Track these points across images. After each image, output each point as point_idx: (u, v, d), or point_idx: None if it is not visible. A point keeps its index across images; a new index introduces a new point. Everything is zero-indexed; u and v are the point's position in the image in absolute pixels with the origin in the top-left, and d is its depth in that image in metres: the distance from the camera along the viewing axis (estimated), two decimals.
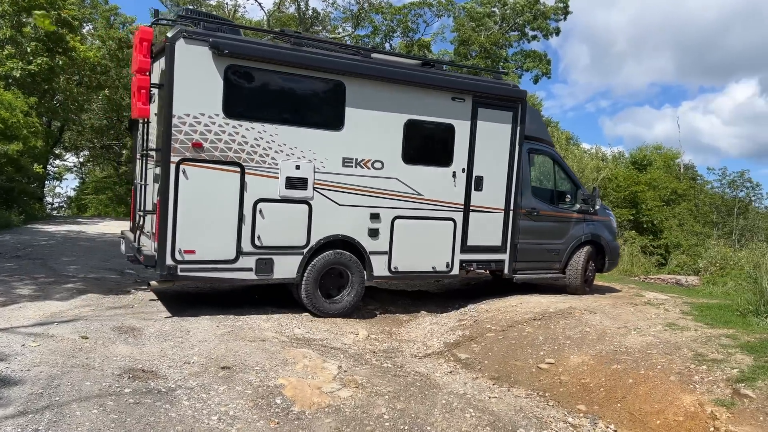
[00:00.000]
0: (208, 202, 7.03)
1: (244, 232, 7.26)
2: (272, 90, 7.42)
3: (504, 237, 9.25)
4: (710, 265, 15.36)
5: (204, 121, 6.92)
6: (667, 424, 4.96)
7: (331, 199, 7.78)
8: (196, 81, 6.85)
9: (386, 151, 8.14)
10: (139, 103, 6.85)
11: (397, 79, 8.07)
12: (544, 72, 31.83)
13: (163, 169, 6.79)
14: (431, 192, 8.53)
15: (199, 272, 7.14)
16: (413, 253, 8.50)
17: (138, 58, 6.83)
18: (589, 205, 10.16)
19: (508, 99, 9.06)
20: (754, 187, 30.82)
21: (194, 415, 4.45)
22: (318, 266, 7.77)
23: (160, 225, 6.83)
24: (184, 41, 6.74)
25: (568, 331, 6.98)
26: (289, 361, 5.72)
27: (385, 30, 31.39)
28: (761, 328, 6.95)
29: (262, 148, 7.29)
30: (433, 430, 4.65)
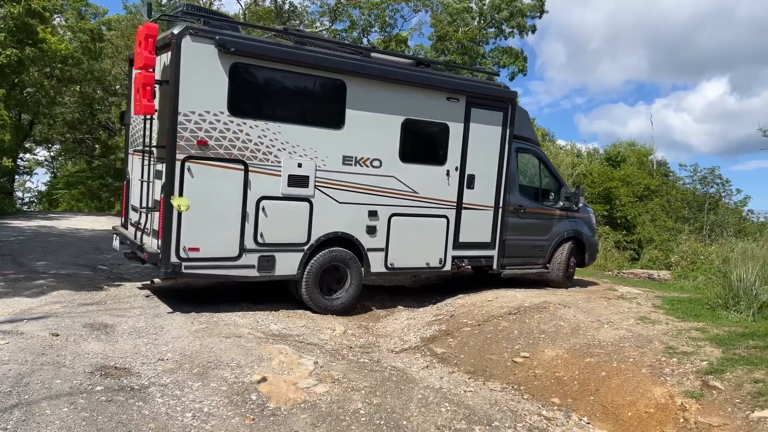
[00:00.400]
0: (213, 200, 7.04)
1: (247, 230, 7.29)
2: (276, 88, 7.46)
3: (493, 233, 9.51)
4: (681, 260, 15.64)
5: (209, 119, 6.91)
6: (639, 416, 5.05)
7: (332, 197, 7.88)
8: (201, 78, 6.82)
9: (384, 149, 8.26)
10: (144, 99, 6.77)
11: (396, 79, 8.20)
12: (520, 69, 32.02)
13: (168, 167, 6.76)
14: (426, 190, 8.70)
15: (203, 270, 7.14)
16: (408, 249, 8.67)
17: (144, 55, 6.74)
18: (572, 203, 10.46)
19: (500, 99, 9.29)
20: (724, 183, 31.41)
21: (168, 412, 4.40)
22: (318, 263, 7.86)
23: (165, 222, 6.81)
24: (190, 38, 6.70)
25: (542, 325, 7.05)
26: (264, 357, 5.69)
27: (362, 25, 31.30)
28: (730, 321, 7.11)
29: (266, 146, 7.31)
30: (408, 424, 4.67)
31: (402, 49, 29.14)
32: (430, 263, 8.93)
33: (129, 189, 8.48)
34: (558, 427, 5.03)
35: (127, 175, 8.59)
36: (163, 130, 6.93)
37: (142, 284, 8.73)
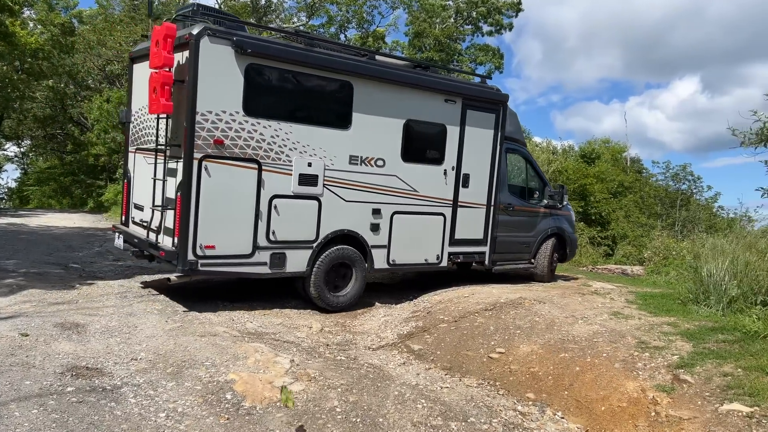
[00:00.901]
0: (228, 198, 7.16)
1: (260, 228, 7.42)
2: (288, 89, 7.60)
3: (485, 230, 9.89)
4: (654, 256, 15.90)
5: (225, 119, 7.02)
6: (612, 410, 5.12)
7: (339, 196, 8.08)
8: (218, 79, 6.93)
9: (388, 149, 8.51)
10: (162, 99, 6.81)
11: (399, 81, 8.48)
12: (496, 66, 32.20)
13: (185, 165, 6.84)
14: (425, 189, 9.00)
15: (218, 267, 7.23)
16: (409, 246, 8.95)
17: (162, 54, 6.79)
18: (555, 201, 10.94)
19: (493, 102, 9.66)
20: (695, 180, 31.98)
21: (141, 412, 4.34)
22: (326, 260, 8.04)
23: (182, 220, 6.89)
24: (208, 39, 6.80)
25: (518, 321, 7.11)
26: (240, 355, 5.64)
27: (340, 21, 31.16)
28: (700, 315, 7.24)
29: (278, 145, 7.46)
30: (385, 421, 4.67)
31: (379, 46, 29.10)
32: (429, 259, 9.25)
33: (131, 187, 8.54)
34: (533, 422, 5.08)
35: (128, 174, 8.62)
36: (179, 129, 7.00)
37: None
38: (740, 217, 13.89)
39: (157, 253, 7.25)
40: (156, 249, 7.26)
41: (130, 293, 7.96)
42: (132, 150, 8.56)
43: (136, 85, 8.53)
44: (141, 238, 7.76)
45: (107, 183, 22.74)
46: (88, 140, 22.87)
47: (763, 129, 7.01)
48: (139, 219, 8.13)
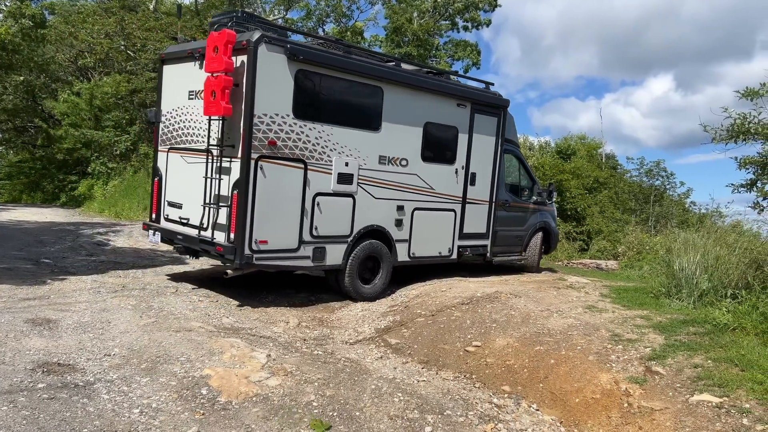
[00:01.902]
0: (279, 196, 7.60)
1: (305, 223, 7.88)
2: (330, 93, 8.12)
3: (488, 225, 10.70)
4: (628, 250, 16.14)
5: (278, 121, 7.45)
6: (586, 402, 5.19)
7: (370, 193, 8.66)
8: (272, 83, 7.37)
9: (410, 150, 9.16)
10: (223, 102, 7.15)
11: (421, 87, 9.18)
12: (474, 62, 32.33)
13: (243, 165, 7.23)
14: (440, 186, 9.72)
15: (270, 260, 7.65)
16: (426, 240, 9.62)
17: (223, 60, 7.12)
18: (543, 198, 11.90)
19: (496, 106, 10.52)
20: (668, 176, 32.52)
21: (114, 408, 4.28)
22: (359, 254, 8.57)
23: (238, 217, 7.27)
24: (265, 46, 7.22)
25: (494, 315, 7.16)
26: (215, 350, 5.59)
27: (318, 14, 30.98)
28: (672, 309, 7.37)
29: (321, 146, 7.96)
30: (362, 415, 4.67)
31: (358, 41, 28.99)
32: (442, 252, 9.95)
33: (161, 186, 8.82)
34: (508, 415, 5.13)
35: (158, 172, 8.90)
36: (234, 130, 7.37)
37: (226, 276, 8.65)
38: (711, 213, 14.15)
39: (212, 249, 7.57)
40: (211, 245, 7.57)
41: (104, 288, 7.84)
42: (163, 149, 8.81)
43: (166, 87, 8.87)
44: (188, 235, 8.00)
45: (80, 178, 22.33)
46: (57, 135, 22.40)
47: (733, 125, 7.15)
48: (177, 216, 8.41)
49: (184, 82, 8.38)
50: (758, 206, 7.44)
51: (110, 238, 12.92)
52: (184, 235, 8.08)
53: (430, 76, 9.70)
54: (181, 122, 8.45)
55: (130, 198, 18.21)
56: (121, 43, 19.27)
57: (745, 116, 7.16)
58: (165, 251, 11.94)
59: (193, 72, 8.11)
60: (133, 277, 8.82)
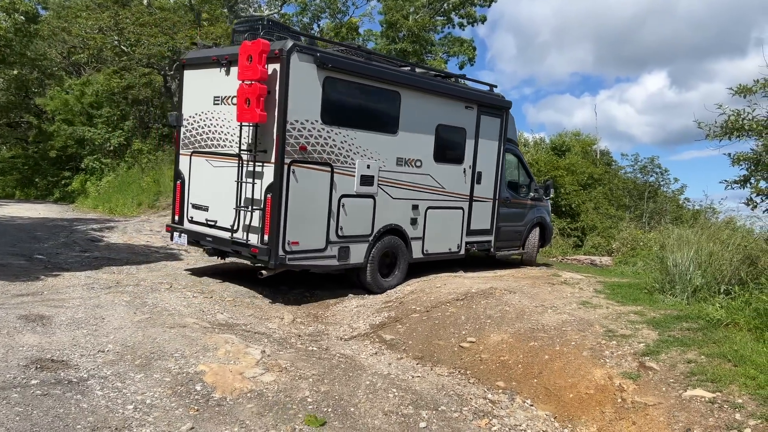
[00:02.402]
0: (309, 199, 7.92)
1: (331, 224, 8.24)
2: (354, 99, 8.50)
3: (492, 222, 11.16)
4: (622, 246, 16.18)
5: (308, 127, 7.78)
6: (580, 397, 5.21)
7: (388, 194, 9.04)
8: (303, 91, 7.66)
9: (424, 151, 9.57)
10: (257, 109, 7.39)
11: (434, 90, 9.59)
12: (469, 58, 32.29)
13: (277, 169, 7.54)
14: (450, 185, 10.13)
15: (300, 261, 7.97)
16: (438, 237, 10.03)
17: (258, 68, 7.33)
18: (540, 194, 12.39)
19: (499, 108, 10.99)
20: (663, 172, 32.49)
21: (108, 405, 4.27)
22: (378, 251, 8.96)
23: (272, 219, 7.58)
24: (297, 55, 7.53)
25: (489, 311, 7.18)
26: (210, 347, 5.58)
27: (313, 10, 30.86)
28: (666, 304, 7.40)
29: (345, 150, 8.31)
30: (356, 411, 4.68)
31: (353, 37, 28.91)
32: (452, 249, 10.38)
33: (184, 188, 9.01)
34: (502, 410, 5.14)
35: (180, 175, 9.08)
36: (267, 136, 7.64)
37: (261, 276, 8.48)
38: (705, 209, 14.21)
39: (245, 250, 7.81)
40: (245, 247, 7.81)
41: (98, 284, 7.81)
42: (186, 153, 8.97)
43: (187, 91, 9.05)
44: (218, 237, 8.24)
45: (73, 174, 22.23)
46: (49, 132, 22.24)
47: (727, 122, 7.17)
48: (204, 219, 8.61)
49: (208, 88, 8.57)
50: (751, 202, 7.47)
51: (104, 234, 12.87)
52: (214, 237, 8.33)
53: (440, 79, 10.10)
54: (205, 126, 8.66)
55: (124, 194, 18.16)
56: (115, 38, 19.16)
57: (739, 113, 7.19)
58: (159, 247, 11.90)
59: (219, 78, 8.34)
60: (127, 273, 8.79)
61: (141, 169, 19.40)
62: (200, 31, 18.99)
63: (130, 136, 20.79)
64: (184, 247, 9.24)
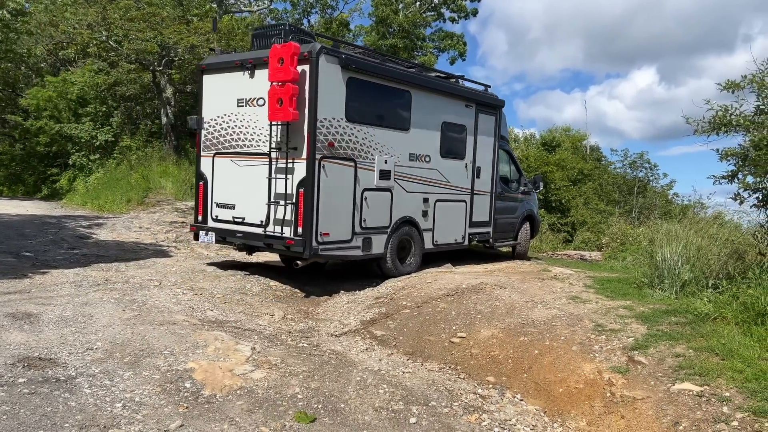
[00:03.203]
0: (336, 192, 8.40)
1: (356, 217, 8.74)
2: (372, 98, 9.04)
3: (490, 214, 11.77)
4: (612, 241, 16.28)
5: (334, 124, 8.29)
6: (569, 392, 5.24)
7: (403, 188, 9.59)
8: (330, 90, 8.18)
9: (432, 147, 10.15)
10: (290, 108, 7.83)
11: (439, 89, 10.26)
12: (460, 53, 32.31)
13: (309, 165, 8.02)
14: (455, 179, 10.72)
15: (330, 251, 8.46)
16: (445, 229, 10.60)
17: (290, 70, 7.80)
18: (530, 188, 13.06)
19: (494, 106, 11.69)
20: (652, 167, 32.72)
21: (96, 403, 4.24)
22: (395, 241, 9.51)
23: (305, 212, 8.02)
24: (324, 57, 8.05)
25: (479, 306, 7.19)
26: (200, 344, 5.56)
27: (303, 5, 30.74)
28: (654, 299, 7.45)
29: (366, 146, 8.84)
30: (346, 407, 4.68)
31: (342, 33, 28.83)
32: (457, 240, 10.99)
33: (207, 189, 9.34)
34: (492, 405, 5.16)
35: (203, 176, 9.40)
36: (298, 134, 8.10)
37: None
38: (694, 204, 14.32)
39: (280, 243, 8.23)
40: (279, 240, 8.23)
41: (86, 282, 7.75)
42: (208, 155, 9.33)
43: (207, 95, 9.39)
44: (249, 233, 8.63)
45: (62, 170, 22.02)
46: (35, 129, 21.99)
47: (715, 118, 7.20)
48: (231, 216, 9.00)
49: (231, 91, 8.93)
50: (739, 197, 7.50)
51: (93, 231, 12.78)
52: (245, 232, 8.70)
53: (443, 79, 10.77)
54: (229, 128, 9.02)
55: (113, 191, 18.02)
56: (103, 33, 18.96)
57: (727, 108, 7.21)
58: (149, 244, 11.84)
59: (243, 81, 8.73)
60: (116, 271, 8.74)
61: (130, 166, 19.26)
62: (189, 27, 18.83)
63: (119, 133, 20.62)
64: (212, 245, 9.82)
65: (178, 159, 19.55)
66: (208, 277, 8.72)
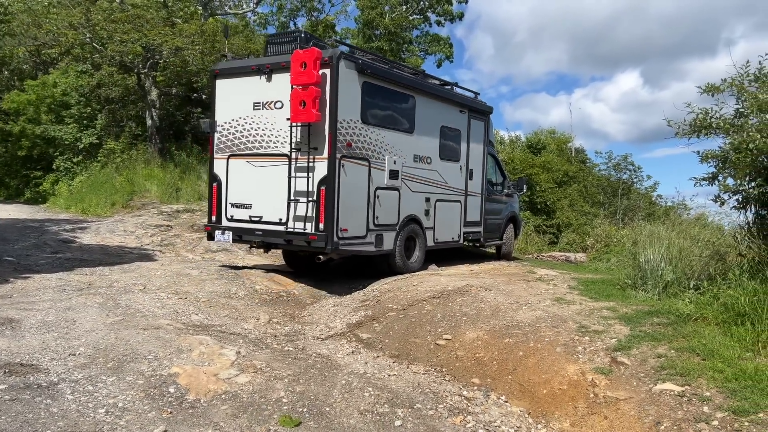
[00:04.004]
0: (354, 190, 8.87)
1: (369, 214, 9.19)
2: (383, 101, 9.52)
3: (481, 214, 12.36)
4: (596, 243, 16.41)
5: (351, 125, 8.76)
6: (553, 393, 5.28)
7: (408, 187, 10.08)
8: (348, 93, 8.63)
9: (432, 149, 10.72)
10: (314, 110, 8.24)
11: (438, 95, 10.87)
12: (447, 56, 32.46)
13: (330, 164, 8.44)
14: (451, 181, 11.30)
15: (348, 246, 8.88)
16: (444, 227, 11.12)
17: (314, 74, 8.19)
18: (514, 191, 13.74)
19: (484, 112, 12.39)
20: (636, 169, 33.01)
21: (79, 409, 4.21)
22: (403, 239, 9.97)
23: (327, 209, 8.42)
24: (344, 62, 8.54)
25: (464, 308, 7.22)
26: (184, 348, 5.53)
27: (290, 8, 30.72)
28: (638, 300, 7.52)
29: (378, 146, 9.33)
30: (332, 410, 4.68)
31: (329, 36, 28.82)
32: (454, 238, 11.54)
33: (221, 190, 9.60)
34: (477, 407, 5.18)
35: (217, 178, 9.65)
36: (319, 134, 8.50)
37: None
38: (677, 206, 14.49)
39: (302, 238, 8.60)
40: (302, 235, 8.60)
41: (69, 286, 7.68)
42: (222, 157, 9.60)
43: (221, 99, 9.65)
44: (269, 230, 8.95)
45: (45, 173, 21.78)
46: (16, 133, 21.73)
47: (695, 120, 7.29)
48: (247, 216, 9.30)
49: (247, 95, 9.24)
50: (719, 199, 7.60)
51: (76, 234, 12.66)
52: (264, 230, 9.01)
53: (441, 86, 11.35)
54: (245, 131, 9.31)
55: (97, 194, 17.87)
56: (87, 35, 18.79)
57: (707, 111, 7.30)
58: (133, 248, 11.75)
59: (260, 85, 9.06)
60: (100, 275, 8.67)
61: (114, 169, 19.10)
62: (174, 29, 18.72)
63: (103, 135, 20.44)
64: (228, 244, 10.40)
65: (163, 162, 19.43)
66: (193, 280, 8.67)
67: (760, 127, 6.67)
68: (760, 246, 6.95)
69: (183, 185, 18.33)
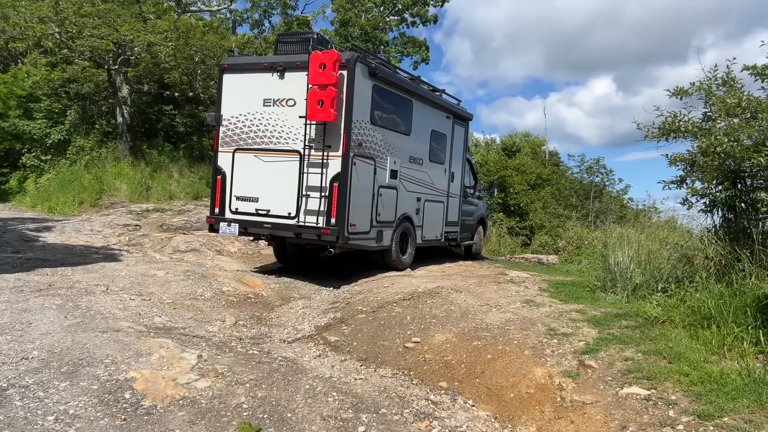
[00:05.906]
0: (363, 187, 9.27)
1: (373, 210, 9.56)
2: (387, 104, 9.92)
3: (458, 215, 12.86)
4: (568, 245, 16.51)
5: (362, 126, 9.16)
6: (520, 397, 5.22)
7: (405, 187, 10.54)
8: (360, 95, 9.01)
9: (424, 152, 11.24)
10: (332, 109, 8.57)
11: (430, 100, 11.38)
12: (423, 58, 32.46)
13: (344, 161, 8.81)
14: (437, 182, 11.82)
15: (355, 241, 9.26)
16: (430, 226, 11.61)
17: (333, 75, 8.54)
18: (483, 194, 14.52)
19: (465, 118, 13.07)
20: (608, 172, 33.40)
21: (27, 416, 4.02)
22: (398, 235, 10.38)
23: (339, 204, 8.77)
24: (359, 65, 8.92)
25: (434, 310, 7.15)
26: (143, 352, 5.35)
27: (264, 6, 30.39)
28: (606, 302, 7.53)
29: (381, 147, 9.74)
30: (293, 416, 4.55)
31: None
32: (437, 237, 12.03)
33: (225, 183, 9.75)
34: (444, 411, 5.10)
35: (221, 171, 9.79)
36: (334, 132, 8.83)
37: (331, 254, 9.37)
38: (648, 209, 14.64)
39: (313, 232, 8.88)
40: (313, 229, 8.89)
41: (27, 287, 7.42)
42: (227, 150, 9.74)
43: (228, 94, 9.81)
44: (278, 223, 9.18)
45: (11, 171, 21.18)
46: None
47: (664, 123, 7.34)
48: (254, 209, 9.47)
49: (257, 91, 9.45)
50: (687, 202, 7.66)
51: (41, 234, 12.32)
52: (273, 223, 9.24)
53: (431, 92, 11.72)
54: (253, 126, 9.51)
55: (64, 192, 17.42)
56: (55, 29, 18.33)
57: (676, 115, 7.36)
58: (99, 248, 11.47)
59: (272, 82, 9.29)
60: (62, 275, 8.40)
61: (83, 167, 18.66)
62: (146, 25, 18.36)
63: (72, 132, 19.96)
64: (234, 236, 10.47)
65: (134, 160, 19.04)
66: (158, 281, 8.46)
67: (728, 130, 6.73)
68: (726, 249, 7.00)
69: (154, 184, 17.98)
